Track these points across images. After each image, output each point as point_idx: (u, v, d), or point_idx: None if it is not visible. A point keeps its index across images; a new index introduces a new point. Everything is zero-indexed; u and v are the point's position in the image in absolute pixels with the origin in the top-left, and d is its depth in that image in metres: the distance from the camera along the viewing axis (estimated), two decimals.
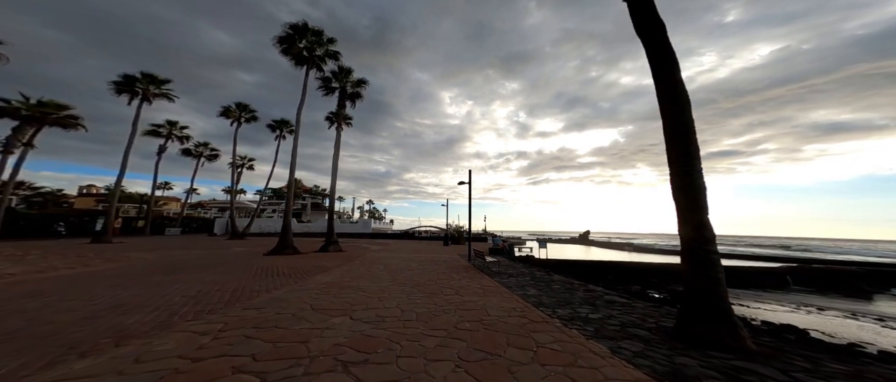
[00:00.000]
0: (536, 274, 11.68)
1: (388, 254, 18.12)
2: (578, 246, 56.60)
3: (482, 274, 11.03)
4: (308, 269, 11.29)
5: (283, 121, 38.61)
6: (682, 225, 4.61)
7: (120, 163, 24.48)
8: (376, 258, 15.95)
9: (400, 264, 13.53)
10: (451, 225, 33.61)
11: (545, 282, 9.65)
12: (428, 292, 7.73)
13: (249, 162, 51.69)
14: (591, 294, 7.92)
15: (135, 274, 9.26)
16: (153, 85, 26.26)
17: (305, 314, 5.53)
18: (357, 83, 25.27)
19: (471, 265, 13.91)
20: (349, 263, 13.46)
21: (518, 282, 9.55)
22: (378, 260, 14.74)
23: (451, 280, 9.71)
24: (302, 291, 7.44)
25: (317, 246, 19.67)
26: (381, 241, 34.24)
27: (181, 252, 16.61)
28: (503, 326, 5.08)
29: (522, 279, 10.32)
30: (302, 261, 13.55)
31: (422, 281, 9.27)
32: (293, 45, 20.19)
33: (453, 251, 22.41)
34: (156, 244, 22.86)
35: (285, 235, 16.26)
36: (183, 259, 13.66)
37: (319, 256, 15.91)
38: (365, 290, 7.76)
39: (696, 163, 4.51)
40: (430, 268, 12.34)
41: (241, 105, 33.76)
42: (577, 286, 9.15)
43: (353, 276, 9.96)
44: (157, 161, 38.67)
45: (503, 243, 25.79)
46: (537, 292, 8.04)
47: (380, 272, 11.10)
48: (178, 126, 40.16)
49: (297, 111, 19.13)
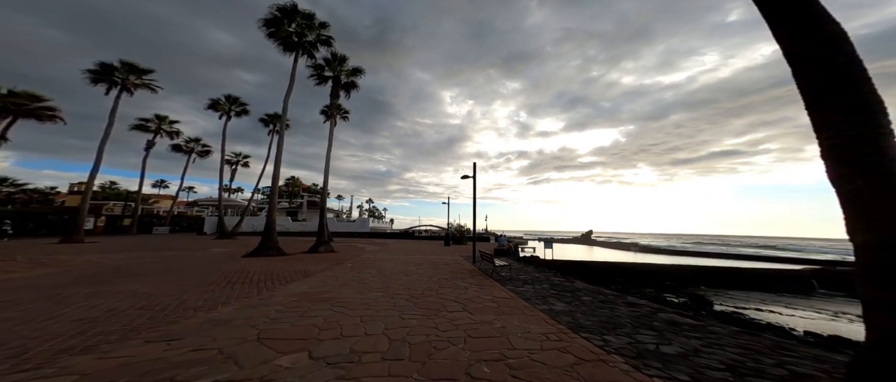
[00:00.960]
0: (554, 279, 9.91)
1: (385, 256, 16.38)
2: (582, 247, 54.82)
3: (491, 281, 9.27)
4: (284, 275, 9.53)
5: (276, 116, 36.82)
6: (861, 223, 2.77)
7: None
8: (370, 260, 14.20)
9: (396, 267, 11.79)
10: (453, 224, 31.84)
11: (570, 292, 7.89)
12: (427, 307, 5.96)
13: (244, 159, 50.10)
14: (636, 309, 6.16)
15: (50, 287, 7.37)
16: (134, 74, 24.49)
17: (241, 350, 3.75)
18: (352, 72, 23.53)
19: (476, 268, 12.15)
20: (337, 266, 11.71)
21: (537, 292, 7.78)
22: (371, 263, 13.00)
23: (456, 289, 7.94)
24: (260, 308, 5.67)
25: (308, 247, 17.91)
26: (379, 241, 32.49)
27: (149, 253, 14.86)
28: (541, 371, 3.32)
29: (540, 287, 8.56)
30: (282, 265, 11.80)
31: (420, 291, 7.51)
32: (281, 28, 18.40)
33: (455, 252, 20.66)
34: (132, 244, 21.12)
35: (268, 235, 14.50)
36: (142, 262, 11.90)
37: (305, 258, 14.15)
38: (346, 305, 6.00)
39: (884, 120, 2.72)
40: (430, 273, 10.59)
41: (231, 98, 32.00)
42: (611, 296, 7.38)
43: (336, 284, 8.20)
44: (145, 156, 36.91)
45: (508, 243, 24.07)
46: (566, 306, 6.27)
47: (370, 278, 9.34)
48: (167, 120, 38.40)
49: (283, 100, 17.39)
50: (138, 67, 24.59)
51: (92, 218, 31.23)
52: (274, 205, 15.11)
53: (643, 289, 12.19)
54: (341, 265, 12.18)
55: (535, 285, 8.84)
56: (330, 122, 21.10)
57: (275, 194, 15.26)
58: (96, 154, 22.40)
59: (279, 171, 15.64)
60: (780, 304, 12.92)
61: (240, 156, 50.83)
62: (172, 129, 39.14)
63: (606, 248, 56.96)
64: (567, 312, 5.82)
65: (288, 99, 17.50)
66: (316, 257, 14.73)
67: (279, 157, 15.75)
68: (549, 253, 20.93)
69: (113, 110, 23.04)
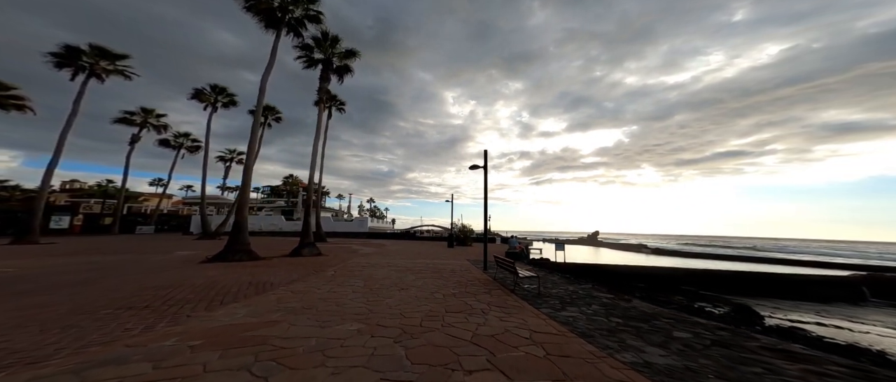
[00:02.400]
0: (602, 297, 7.34)
1: (379, 260, 13.89)
2: (588, 248, 52.02)
3: (516, 299, 6.73)
4: (230, 290, 7.01)
5: (268, 108, 34.52)
6: None
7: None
8: (361, 265, 11.70)
9: (390, 276, 9.28)
10: (456, 224, 29.36)
11: (641, 319, 5.33)
12: (428, 360, 3.43)
13: (238, 155, 47.82)
14: (781, 356, 3.62)
15: None
16: (105, 59, 22.14)
17: None
18: (345, 54, 21.07)
19: (490, 278, 9.61)
20: (313, 276, 9.19)
21: (591, 320, 5.24)
22: (361, 270, 10.49)
23: (471, 315, 5.41)
24: (106, 366, 3.16)
25: (300, 247, 15.33)
26: (377, 242, 30.03)
27: (98, 257, 12.43)
28: None
29: (589, 309, 6.01)
30: (240, 273, 9.30)
31: (417, 321, 4.98)
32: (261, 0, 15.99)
33: (460, 254, 18.13)
34: (94, 246, 18.70)
35: (236, 236, 12.01)
36: (66, 271, 9.39)
37: (280, 263, 11.67)
38: (282, 356, 3.48)
39: None
40: (432, 286, 8.07)
41: (217, 87, 29.62)
42: (730, 333, 4.80)
43: (296, 307, 5.69)
44: (129, 151, 34.70)
45: (520, 245, 21.55)
46: (664, 355, 3.72)
47: (351, 295, 6.82)
48: (154, 114, 36.15)
49: (261, 78, 14.93)
50: (109, 51, 22.24)
51: (67, 217, 28.99)
52: (244, 201, 12.64)
53: (671, 297, 10.76)
54: (320, 273, 9.67)
55: (580, 305, 6.28)
56: (319, 109, 18.65)
57: (247, 188, 12.79)
58: (56, 144, 20.01)
59: (253, 161, 13.17)
60: (837, 316, 10.91)
61: (234, 152, 48.60)
62: (160, 123, 36.86)
63: (615, 249, 54.20)
64: (676, 371, 3.27)
65: (266, 79, 15.03)
66: (295, 262, 12.25)
67: (252, 148, 13.28)
68: (561, 255, 18.61)
69: (78, 97, 20.68)
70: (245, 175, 12.88)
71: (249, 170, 12.82)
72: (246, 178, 12.80)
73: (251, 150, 13.11)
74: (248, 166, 12.90)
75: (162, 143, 37.79)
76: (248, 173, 12.80)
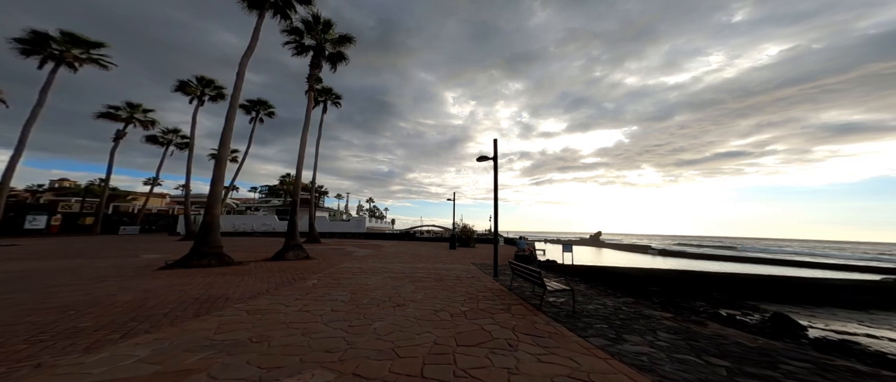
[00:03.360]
0: (659, 316, 5.67)
1: (374, 264, 12.23)
2: (591, 249, 50.30)
3: (548, 322, 5.07)
4: (165, 309, 5.33)
5: (260, 102, 32.90)
6: None
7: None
8: (351, 271, 10.03)
9: (383, 286, 7.61)
10: (458, 223, 27.72)
11: (744, 356, 3.68)
12: None
13: (232, 153, 46.08)
14: None
15: None
16: (77, 47, 20.42)
17: None
18: (339, 40, 19.43)
19: (504, 288, 7.95)
20: (288, 286, 7.51)
21: (682, 364, 3.59)
22: (350, 277, 8.82)
23: (498, 352, 3.71)
24: None
25: (284, 249, 13.62)
26: (375, 242, 28.35)
27: (35, 263, 10.73)
28: None
29: (657, 338, 4.35)
30: (194, 283, 7.60)
31: (418, 365, 3.31)
32: None
33: (464, 257, 16.47)
34: (53, 248, 16.96)
35: (205, 237, 10.23)
36: None
37: (255, 269, 9.97)
38: None
39: None
40: (435, 300, 6.40)
41: (204, 79, 27.88)
42: None
43: (245, 336, 4.02)
44: (113, 147, 32.97)
45: (528, 247, 19.91)
46: None
47: (328, 316, 5.15)
48: (140, 109, 34.43)
49: (240, 62, 13.25)
50: (82, 39, 20.50)
51: (44, 217, 27.26)
52: (214, 198, 10.85)
53: (692, 302, 10.00)
54: (298, 283, 7.98)
55: (642, 333, 4.61)
56: (308, 98, 16.98)
57: (218, 183, 11.02)
58: (19, 137, 18.26)
59: (226, 153, 11.47)
60: (884, 325, 9.74)
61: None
62: (147, 119, 35.15)
63: (620, 251, 52.50)
64: None
65: (245, 63, 13.30)
66: (274, 267, 10.55)
67: (226, 135, 11.57)
68: (568, 256, 17.07)
69: (45, 87, 18.96)
70: (216, 168, 11.16)
71: (222, 163, 11.12)
72: (218, 172, 11.07)
73: (224, 140, 11.42)
74: (220, 158, 11.19)
75: (149, 140, 36.08)
76: (221, 166, 11.10)
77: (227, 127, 11.49)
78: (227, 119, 11.60)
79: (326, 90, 31.22)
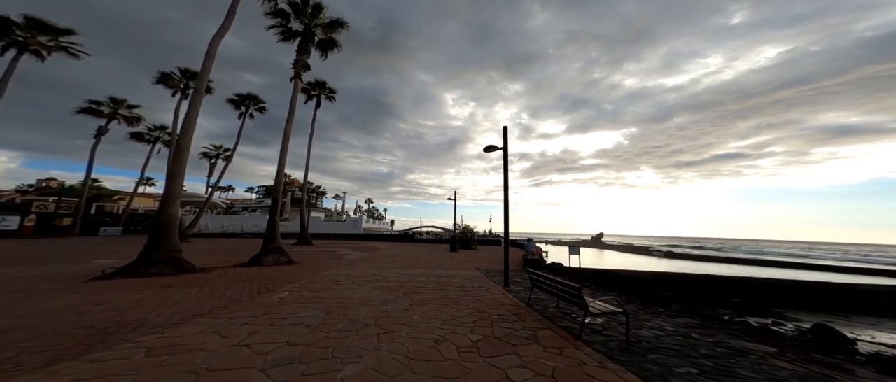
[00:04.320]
0: (749, 348, 4.07)
1: (365, 269, 10.60)
2: (594, 250, 48.61)
3: (595, 358, 3.45)
4: (30, 341, 3.72)
5: (250, 96, 31.24)
6: None
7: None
8: (335, 280, 8.40)
9: (370, 300, 5.98)
10: (459, 224, 26.13)
11: None
12: None
13: (226, 152, 44.31)
14: None
15: None
16: (44, 34, 18.80)
17: None
18: (330, 25, 17.83)
19: (520, 302, 6.33)
20: (242, 304, 5.86)
21: None
22: (331, 288, 7.19)
23: None
24: None
25: (262, 253, 11.95)
26: (371, 244, 26.71)
27: None
28: None
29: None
30: (117, 300, 5.95)
31: None
32: None
33: (466, 261, 14.86)
34: (9, 253, 15.31)
35: (157, 241, 8.40)
36: None
37: (215, 280, 8.30)
38: None
39: None
40: (436, 322, 4.77)
41: (188, 71, 26.22)
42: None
43: None
44: (94, 144, 31.21)
45: (537, 250, 18.31)
46: None
47: (278, 355, 3.50)
48: (125, 104, 32.72)
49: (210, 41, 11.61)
50: (50, 25, 18.87)
51: (17, 218, 25.54)
52: (171, 194, 9.02)
53: (714, 309, 9.20)
54: (259, 298, 6.32)
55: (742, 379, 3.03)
56: (294, 84, 15.36)
57: (176, 177, 9.26)
58: None
59: (189, 140, 9.76)
60: None
61: (220, 148, 45.22)
62: (132, 115, 33.40)
63: (624, 252, 50.84)
64: None
65: (216, 42, 11.62)
66: (242, 275, 8.89)
67: (190, 120, 9.86)
68: (575, 259, 15.61)
69: (5, 76, 17.29)
70: (175, 159, 9.39)
71: (182, 153, 9.42)
72: (176, 164, 9.31)
73: (186, 127, 9.68)
74: (180, 147, 9.49)
75: (134, 137, 34.32)
76: (181, 156, 9.40)
77: (190, 112, 9.85)
78: (191, 103, 9.98)
79: (320, 83, 29.58)
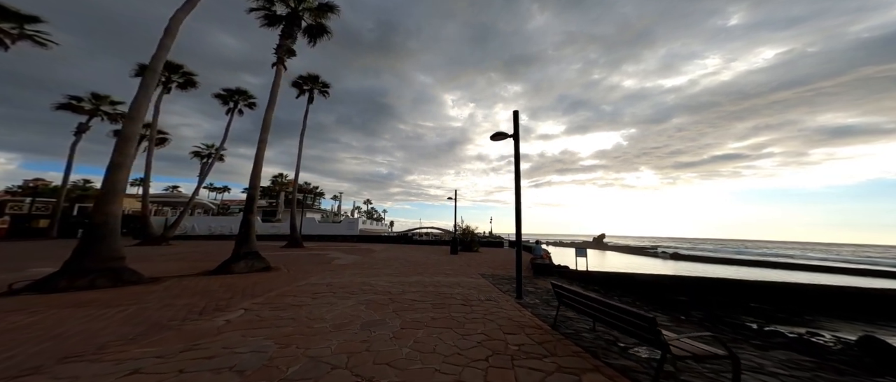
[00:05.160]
0: None
1: (353, 277, 9.10)
2: (595, 252, 46.99)
3: None
4: None
5: (239, 91, 29.76)
6: None
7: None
8: (310, 293, 6.90)
9: (344, 324, 4.47)
10: (460, 225, 24.67)
11: None
12: None
13: (219, 151, 42.61)
14: None
15: None
16: (6, 21, 17.29)
17: None
18: (319, 9, 16.43)
19: (542, 323, 4.83)
20: (169, 332, 4.36)
21: None
22: (300, 306, 5.69)
23: None
24: None
25: (232, 258, 10.42)
26: (367, 246, 25.20)
27: None
28: None
29: None
30: (9, 322, 4.48)
31: None
32: None
33: (469, 264, 13.37)
34: None
35: (89, 247, 6.66)
36: None
37: (161, 292, 6.79)
38: None
39: None
40: (432, 357, 3.24)
41: (171, 64, 24.73)
42: None
43: None
44: (74, 142, 29.66)
45: (546, 254, 16.79)
46: None
47: None
48: (107, 100, 31.13)
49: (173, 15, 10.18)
50: (13, 11, 17.32)
51: None
52: (110, 192, 7.53)
53: (738, 317, 8.60)
54: (201, 320, 4.81)
55: None
56: (276, 70, 13.83)
57: (123, 169, 7.75)
58: None
59: (135, 127, 8.25)
60: None
61: (212, 147, 43.49)
62: (115, 111, 31.81)
63: (628, 254, 49.37)
64: None
65: (181, 17, 10.26)
66: (200, 286, 7.36)
67: (138, 104, 8.38)
68: (582, 262, 14.28)
69: None
70: (119, 149, 7.79)
71: (128, 142, 7.80)
72: (119, 154, 7.67)
73: (133, 112, 8.13)
74: (125, 135, 7.87)
75: (117, 135, 32.71)
76: (126, 145, 7.75)
77: (138, 95, 8.38)
78: (142, 85, 8.53)
79: (312, 77, 28.08)
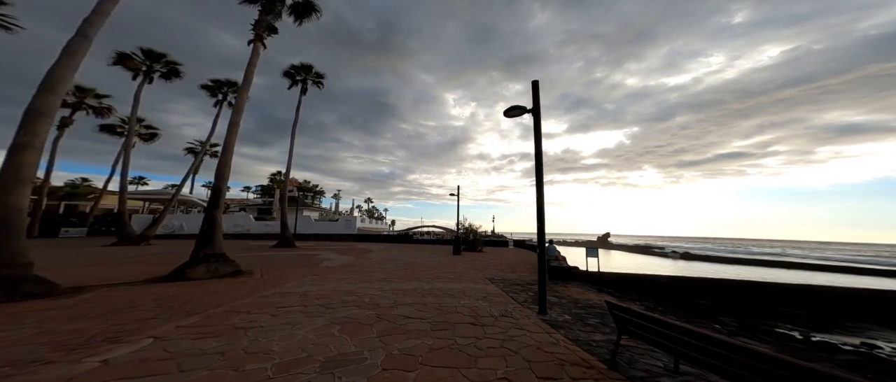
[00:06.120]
0: None
1: (337, 283, 7.45)
2: (600, 251, 45.04)
3: None
4: None
5: (228, 82, 28.20)
6: None
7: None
8: (269, 309, 5.27)
9: (293, 365, 2.82)
10: (463, 223, 23.01)
11: None
12: None
13: (213, 147, 41.07)
14: None
15: None
16: None
17: None
18: None
19: (595, 361, 3.12)
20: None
21: None
22: (242, 329, 4.05)
23: None
24: None
25: (190, 262, 8.77)
26: (364, 246, 23.56)
27: None
28: None
29: None
30: None
31: None
32: None
33: (473, 267, 11.69)
34: None
35: None
36: None
37: (73, 309, 5.18)
38: None
39: None
40: None
41: (152, 53, 23.14)
42: None
43: None
44: (57, 136, 28.25)
45: (559, 255, 15.12)
46: None
47: None
48: (92, 93, 29.63)
49: None
50: None
51: None
52: (16, 177, 5.89)
53: (770, 324, 7.59)
54: (56, 368, 3.19)
55: None
56: (253, 47, 12.09)
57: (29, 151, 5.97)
58: None
59: (48, 100, 6.45)
60: None
61: (206, 143, 41.93)
62: (102, 105, 30.35)
63: (635, 254, 47.41)
64: None
65: None
66: (125, 300, 5.72)
67: (55, 73, 6.74)
68: (593, 262, 12.64)
69: None
70: (24, 128, 6.19)
71: (40, 118, 5.95)
72: (24, 135, 5.98)
73: (47, 83, 6.52)
74: (34, 110, 6.09)
75: (104, 129, 31.25)
76: (36, 123, 5.89)
77: (60, 60, 6.77)
78: (65, 52, 6.90)
79: (306, 67, 26.50)
